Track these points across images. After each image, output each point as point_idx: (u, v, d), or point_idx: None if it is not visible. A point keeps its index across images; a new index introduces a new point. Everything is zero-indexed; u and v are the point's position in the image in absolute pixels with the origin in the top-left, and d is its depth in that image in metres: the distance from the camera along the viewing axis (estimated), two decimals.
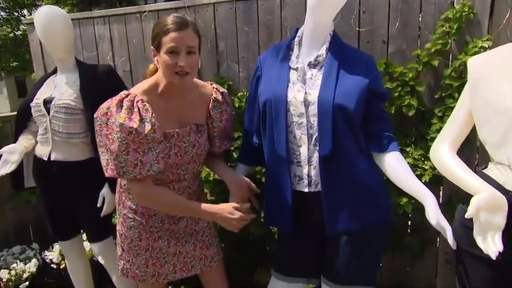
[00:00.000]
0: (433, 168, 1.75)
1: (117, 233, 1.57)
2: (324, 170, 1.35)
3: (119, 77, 1.88)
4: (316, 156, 1.36)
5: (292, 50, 1.42)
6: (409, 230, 2.01)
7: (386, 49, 1.87)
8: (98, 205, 1.82)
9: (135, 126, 1.31)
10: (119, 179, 1.54)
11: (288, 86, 1.37)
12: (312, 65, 1.38)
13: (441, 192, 1.94)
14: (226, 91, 1.57)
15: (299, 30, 1.43)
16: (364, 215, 1.38)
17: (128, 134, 1.31)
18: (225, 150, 1.60)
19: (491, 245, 1.06)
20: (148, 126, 1.33)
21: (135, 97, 1.35)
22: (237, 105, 2.07)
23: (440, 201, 1.93)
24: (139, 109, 1.33)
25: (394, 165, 1.35)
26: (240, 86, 2.12)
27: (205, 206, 1.40)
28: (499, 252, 1.06)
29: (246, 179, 1.56)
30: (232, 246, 2.17)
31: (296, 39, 1.42)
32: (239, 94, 2.09)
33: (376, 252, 1.47)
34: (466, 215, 1.07)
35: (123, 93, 1.38)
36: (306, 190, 1.40)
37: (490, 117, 1.13)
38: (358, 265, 1.43)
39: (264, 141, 1.47)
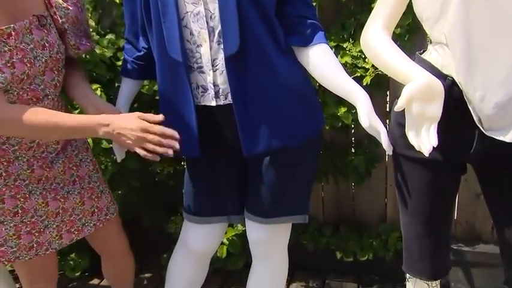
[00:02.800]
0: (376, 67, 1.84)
1: None
2: (233, 74, 1.36)
3: None
4: (222, 58, 1.37)
5: None
6: (353, 149, 2.15)
7: None
8: None
9: None
10: None
11: None
12: None
13: (388, 97, 2.07)
14: None
15: None
16: (288, 128, 1.43)
17: None
18: (86, 50, 1.55)
19: (424, 140, 1.16)
20: None
21: None
22: (118, 0, 1.98)
23: (387, 109, 2.05)
24: None
25: (320, 61, 1.40)
26: None
27: (97, 115, 1.31)
28: (435, 148, 1.16)
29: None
30: (134, 192, 2.19)
31: None
32: None
33: (306, 172, 1.54)
34: (396, 108, 1.16)
35: None
36: (213, 104, 1.42)
37: None
38: (285, 191, 1.51)
39: (152, 43, 1.45)
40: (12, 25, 1.32)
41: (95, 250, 1.82)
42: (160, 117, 1.33)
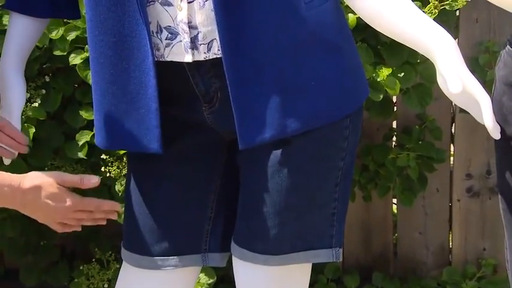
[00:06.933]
0: None
1: None
2: (223, 6, 1.37)
3: None
4: None
5: None
6: (394, 142, 2.17)
7: None
8: None
9: None
10: None
11: None
12: None
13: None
14: None
15: None
16: (312, 101, 1.46)
17: None
18: None
19: None
20: None
21: None
22: None
23: None
24: None
25: None
26: None
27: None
28: None
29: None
30: (10, 222, 2.23)
31: None
32: None
33: (342, 175, 1.56)
34: None
35: None
36: (188, 59, 1.44)
37: None
38: (305, 208, 1.53)
39: None
40: None
41: None
42: (95, 180, 1.50)
